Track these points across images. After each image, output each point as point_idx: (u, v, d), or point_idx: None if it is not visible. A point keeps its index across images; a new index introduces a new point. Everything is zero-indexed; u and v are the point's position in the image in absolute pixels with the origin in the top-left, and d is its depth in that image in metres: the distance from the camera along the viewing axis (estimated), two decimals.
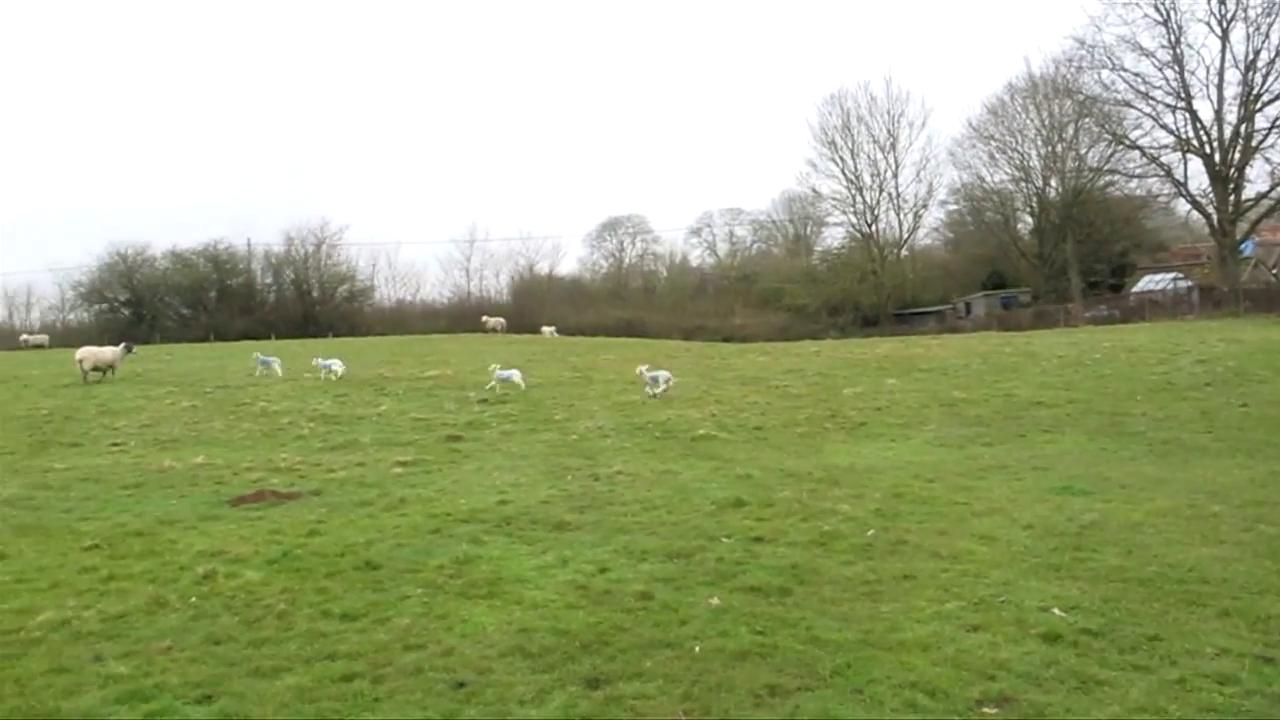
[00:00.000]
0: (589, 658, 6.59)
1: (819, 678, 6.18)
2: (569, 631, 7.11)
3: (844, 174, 79.64)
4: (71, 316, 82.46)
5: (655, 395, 22.89)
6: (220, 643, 7.15)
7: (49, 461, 16.32)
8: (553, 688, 6.11)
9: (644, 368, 24.44)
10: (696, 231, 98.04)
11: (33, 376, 31.57)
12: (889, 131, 78.90)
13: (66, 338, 66.44)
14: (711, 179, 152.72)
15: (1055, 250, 71.29)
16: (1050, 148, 70.51)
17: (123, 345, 32.38)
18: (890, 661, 6.40)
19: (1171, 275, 62.18)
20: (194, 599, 8.26)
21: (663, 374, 23.64)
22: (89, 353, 30.09)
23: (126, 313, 77.89)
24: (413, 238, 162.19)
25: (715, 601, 7.75)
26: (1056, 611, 7.31)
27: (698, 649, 6.70)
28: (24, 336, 68.49)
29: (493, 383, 25.00)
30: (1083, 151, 68.43)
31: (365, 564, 9.22)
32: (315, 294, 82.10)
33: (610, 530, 10.44)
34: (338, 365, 28.90)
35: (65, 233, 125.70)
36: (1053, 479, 13.04)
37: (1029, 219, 76.75)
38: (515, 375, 25.13)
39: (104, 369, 29.64)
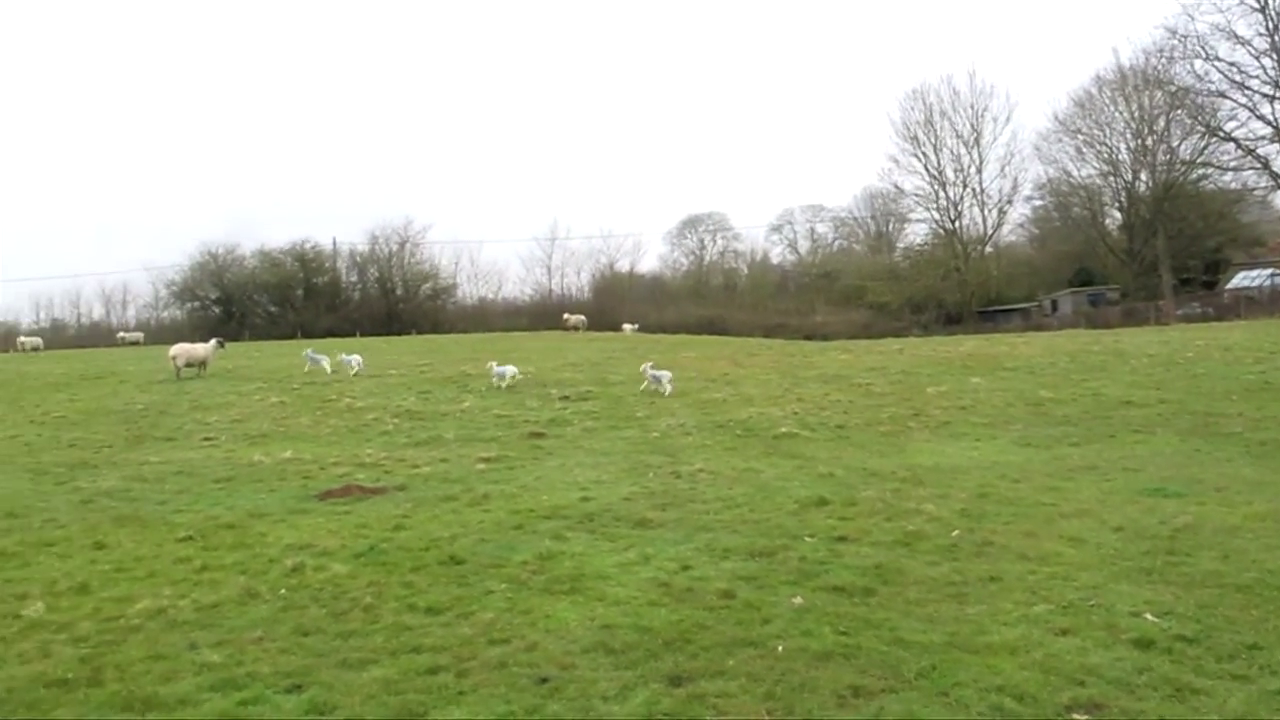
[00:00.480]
0: (671, 655, 6.59)
1: (903, 680, 6.10)
2: (651, 629, 7.11)
3: (927, 170, 78.88)
4: (165, 314, 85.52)
5: (661, 391, 23.21)
6: (309, 634, 7.31)
7: (145, 455, 16.85)
8: (635, 684, 6.12)
9: (647, 366, 24.79)
10: (777, 229, 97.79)
11: (129, 372, 32.60)
12: (972, 126, 77.71)
13: (160, 334, 68.79)
14: (792, 176, 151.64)
15: (1145, 246, 69.26)
16: (1140, 141, 68.64)
17: (214, 341, 33.23)
18: (976, 664, 6.29)
19: (1269, 271, 60.13)
20: (283, 591, 8.46)
21: (665, 374, 24.00)
22: (182, 349, 31.01)
23: (217, 310, 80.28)
24: (495, 236, 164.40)
25: (798, 601, 7.69)
26: (1149, 617, 7.10)
27: (780, 648, 6.66)
28: (121, 333, 71.23)
29: (492, 379, 25.28)
30: (1174, 144, 66.56)
31: (449, 559, 9.33)
32: (399, 292, 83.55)
33: (692, 528, 10.43)
34: (357, 361, 29.81)
35: (159, 233, 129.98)
36: (1144, 480, 12.68)
37: (1117, 214, 74.78)
38: (510, 371, 25.45)
39: (196, 365, 30.48)
